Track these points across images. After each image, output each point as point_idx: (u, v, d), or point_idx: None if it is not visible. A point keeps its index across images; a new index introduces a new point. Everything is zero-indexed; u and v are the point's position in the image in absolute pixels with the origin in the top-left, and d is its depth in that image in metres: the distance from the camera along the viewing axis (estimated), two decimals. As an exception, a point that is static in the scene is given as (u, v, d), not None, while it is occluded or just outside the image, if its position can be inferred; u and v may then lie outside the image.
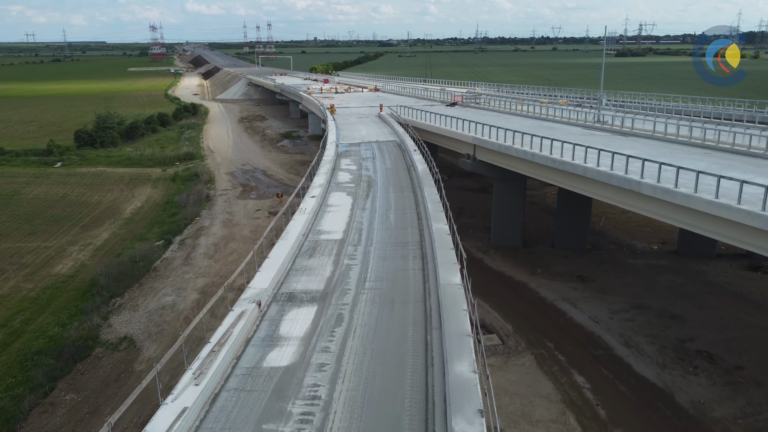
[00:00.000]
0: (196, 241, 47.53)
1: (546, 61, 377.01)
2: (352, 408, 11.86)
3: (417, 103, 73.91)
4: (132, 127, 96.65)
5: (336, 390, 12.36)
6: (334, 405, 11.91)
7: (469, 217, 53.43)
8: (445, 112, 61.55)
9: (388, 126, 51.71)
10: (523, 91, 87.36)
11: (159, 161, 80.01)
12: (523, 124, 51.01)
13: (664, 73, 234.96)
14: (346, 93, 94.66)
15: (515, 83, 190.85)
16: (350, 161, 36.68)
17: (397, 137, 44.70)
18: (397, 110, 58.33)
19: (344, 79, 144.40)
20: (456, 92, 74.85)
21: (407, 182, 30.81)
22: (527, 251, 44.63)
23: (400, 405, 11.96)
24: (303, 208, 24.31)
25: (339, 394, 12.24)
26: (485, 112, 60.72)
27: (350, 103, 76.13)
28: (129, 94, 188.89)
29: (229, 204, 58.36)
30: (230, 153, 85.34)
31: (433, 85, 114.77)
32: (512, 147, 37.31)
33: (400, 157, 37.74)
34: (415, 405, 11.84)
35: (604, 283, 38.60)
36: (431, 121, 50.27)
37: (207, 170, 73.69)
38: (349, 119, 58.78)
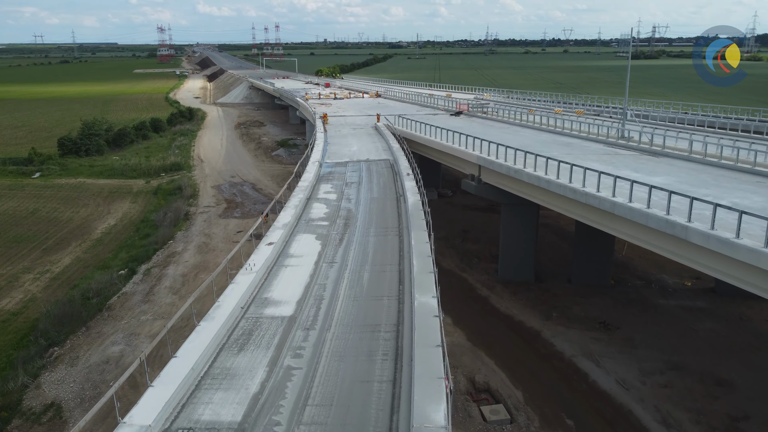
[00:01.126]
0: (164, 271, 41.97)
1: (557, 64, 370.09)
2: None
3: (419, 111, 68.11)
4: (120, 134, 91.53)
5: None
6: None
7: (474, 242, 47.62)
8: (448, 123, 55.78)
9: (383, 140, 45.98)
10: (535, 98, 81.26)
11: (143, 172, 74.70)
12: (535, 138, 45.07)
13: (679, 76, 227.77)
14: (346, 99, 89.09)
15: (525, 88, 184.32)
16: (331, 187, 30.96)
17: (391, 155, 38.98)
18: (396, 121, 52.59)
19: (347, 83, 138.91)
20: (462, 100, 69.00)
21: (393, 220, 25.07)
22: (540, 288, 38.70)
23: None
24: (251, 263, 18.61)
25: None
26: (493, 124, 54.82)
27: (347, 111, 70.43)
28: (129, 97, 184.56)
29: (209, 224, 52.81)
30: (221, 163, 79.92)
31: (439, 90, 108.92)
32: (523, 171, 31.45)
33: (391, 181, 32.01)
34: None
35: (631, 332, 32.61)
36: (432, 135, 44.51)
37: (192, 183, 68.28)
38: (341, 131, 53.11)
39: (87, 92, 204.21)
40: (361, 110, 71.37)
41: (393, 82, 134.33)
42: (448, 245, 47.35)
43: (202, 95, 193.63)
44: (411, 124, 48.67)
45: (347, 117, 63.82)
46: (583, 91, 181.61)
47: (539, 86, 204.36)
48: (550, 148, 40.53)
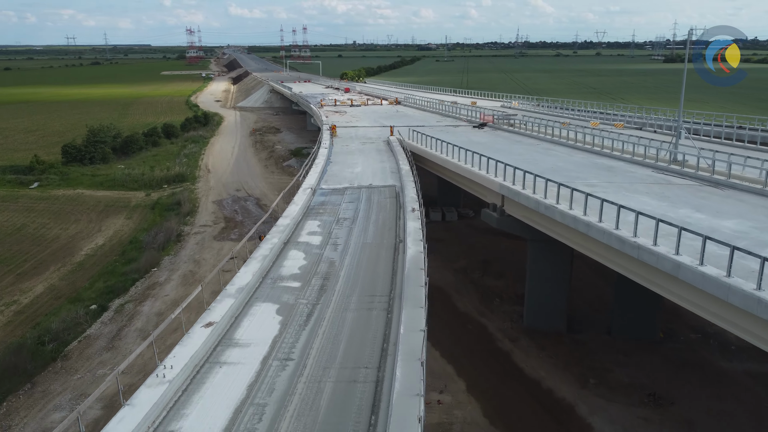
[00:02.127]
0: (139, 308, 36.85)
1: (589, 67, 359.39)
2: None
3: (439, 122, 62.13)
4: (127, 141, 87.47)
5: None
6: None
7: (497, 276, 41.47)
8: (470, 137, 49.73)
9: (393, 159, 40.17)
10: (567, 106, 74.40)
11: (145, 183, 70.22)
12: (569, 159, 38.72)
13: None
14: (362, 107, 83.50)
15: (556, 93, 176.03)
16: (318, 225, 25.31)
17: (399, 180, 33.16)
18: (411, 135, 46.69)
19: (368, 87, 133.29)
20: (487, 110, 62.73)
21: (385, 281, 19.31)
22: (574, 340, 32.44)
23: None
24: (168, 363, 12.99)
25: None
26: (520, 139, 48.51)
27: (360, 121, 64.75)
28: (150, 100, 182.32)
29: (201, 248, 47.68)
30: (228, 174, 75.07)
31: (464, 96, 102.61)
32: (555, 208, 25.33)
33: (392, 218, 26.23)
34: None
35: (689, 409, 26.19)
36: (448, 154, 38.52)
37: (193, 197, 63.44)
38: (349, 145, 47.46)
39: (111, 95, 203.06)
40: (376, 120, 65.63)
41: (416, 87, 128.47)
42: (467, 280, 41.37)
43: (223, 98, 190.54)
44: (426, 140, 42.72)
45: (359, 128, 58.13)
46: (618, 96, 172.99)
47: (571, 91, 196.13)
48: (588, 172, 34.23)
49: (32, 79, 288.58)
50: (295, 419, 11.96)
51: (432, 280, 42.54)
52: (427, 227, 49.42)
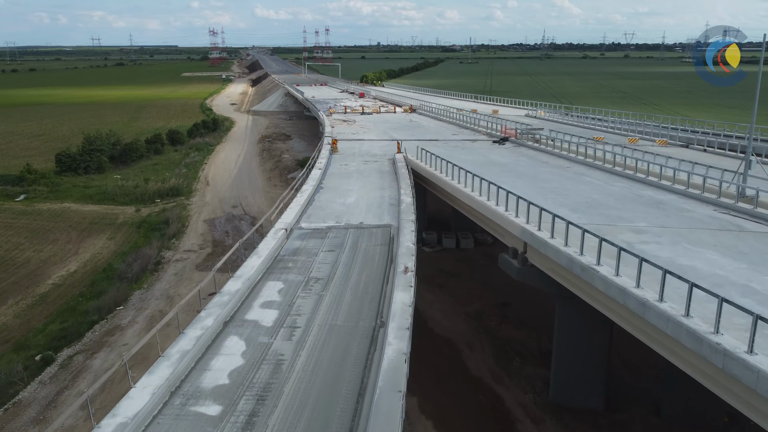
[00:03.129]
0: (89, 361, 31.18)
1: (618, 70, 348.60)
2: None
3: (455, 135, 55.68)
4: (127, 150, 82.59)
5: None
6: None
7: (518, 325, 34.93)
8: (489, 154, 43.24)
9: (395, 186, 33.87)
10: (598, 116, 67.10)
11: (137, 197, 64.99)
12: (607, 189, 31.98)
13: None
14: (374, 114, 77.34)
15: (584, 97, 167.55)
16: (280, 290, 19.15)
17: (397, 217, 26.87)
18: (419, 154, 40.24)
19: (385, 91, 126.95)
20: (509, 121, 55.98)
21: (345, 409, 12.92)
22: (613, 423, 25.79)
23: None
24: None
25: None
26: (547, 159, 41.77)
27: (368, 133, 58.53)
28: (165, 103, 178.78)
29: (179, 280, 41.97)
30: (227, 187, 69.55)
31: (485, 104, 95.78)
32: (596, 273, 18.86)
33: (377, 282, 19.96)
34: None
35: None
36: (461, 182, 32.10)
37: (183, 215, 57.94)
38: (348, 165, 41.28)
39: (127, 97, 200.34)
40: (386, 132, 59.35)
41: (435, 92, 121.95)
42: (482, 329, 34.89)
43: (239, 101, 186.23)
44: (436, 161, 36.29)
45: (365, 142, 51.90)
46: (649, 102, 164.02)
47: (599, 95, 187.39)
48: (633, 209, 27.53)
49: (53, 81, 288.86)
50: None
51: (441, 329, 36.15)
52: (438, 257, 42.49)
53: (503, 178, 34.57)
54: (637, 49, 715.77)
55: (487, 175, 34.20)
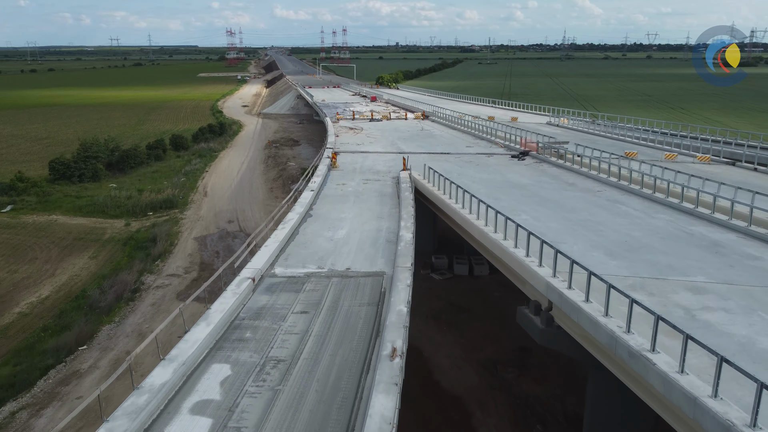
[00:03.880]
0: (33, 420, 26.65)
1: (640, 71, 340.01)
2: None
3: (470, 146, 50.57)
4: (124, 156, 78.63)
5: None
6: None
7: (539, 378, 29.84)
8: (506, 173, 38.10)
9: (396, 215, 28.84)
10: (628, 124, 61.35)
11: (129, 209, 60.80)
12: (649, 224, 26.66)
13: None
14: (384, 121, 72.39)
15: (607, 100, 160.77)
16: (223, 381, 14.14)
17: (392, 261, 21.92)
18: (427, 173, 35.15)
19: (399, 95, 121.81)
20: (528, 131, 50.60)
21: None
22: None
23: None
24: None
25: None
26: (574, 180, 36.42)
27: (374, 144, 53.59)
28: (177, 104, 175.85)
29: (156, 311, 37.47)
30: (225, 199, 65.13)
31: (503, 109, 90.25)
32: (650, 363, 13.72)
33: (355, 367, 14.88)
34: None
35: None
36: (473, 211, 27.04)
37: (173, 232, 53.57)
38: (346, 185, 36.32)
39: (139, 98, 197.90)
40: (393, 142, 54.33)
41: (451, 96, 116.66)
42: (495, 382, 29.81)
43: (252, 103, 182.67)
44: (446, 186, 31.21)
45: (369, 155, 46.91)
46: (677, 105, 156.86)
47: (622, 98, 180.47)
48: (685, 255, 22.26)
49: (70, 81, 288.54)
50: None
51: (448, 382, 30.85)
52: (448, 287, 37.14)
53: (523, 206, 29.46)
54: (659, 50, 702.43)
55: (504, 200, 29.21)
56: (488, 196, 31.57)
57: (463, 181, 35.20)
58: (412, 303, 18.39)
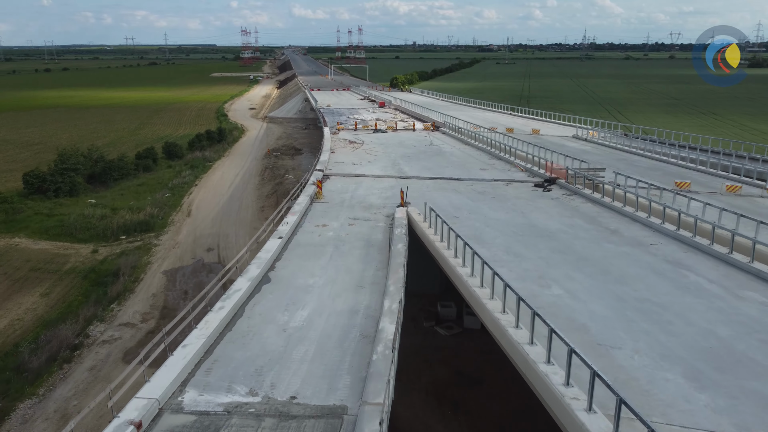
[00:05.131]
0: None
1: (664, 72, 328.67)
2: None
3: (485, 169, 42.92)
4: (107, 168, 72.12)
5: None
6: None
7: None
8: (530, 210, 30.47)
9: (382, 283, 21.27)
10: (669, 140, 53.12)
11: (99, 232, 54.19)
12: (735, 312, 18.92)
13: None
14: (389, 133, 64.92)
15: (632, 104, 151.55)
16: None
17: (361, 381, 14.53)
18: (427, 214, 27.58)
19: (410, 99, 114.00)
20: (555, 152, 42.74)
21: None
22: None
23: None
24: None
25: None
26: (618, 225, 28.56)
27: (372, 164, 46.01)
28: (182, 106, 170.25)
29: (94, 378, 30.55)
30: (210, 220, 58.21)
31: (523, 117, 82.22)
32: None
33: None
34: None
35: None
36: (484, 282, 19.55)
37: (142, 262, 46.73)
38: (327, 226, 28.82)
39: (146, 99, 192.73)
40: (396, 161, 46.76)
41: (467, 102, 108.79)
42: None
43: (260, 105, 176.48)
44: (451, 238, 23.65)
45: (364, 180, 39.32)
46: (707, 110, 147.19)
47: (648, 101, 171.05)
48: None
49: (81, 81, 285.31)
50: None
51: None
52: (456, 347, 29.96)
53: (554, 270, 21.90)
54: (681, 50, 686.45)
55: (527, 257, 21.79)
56: (507, 250, 24.04)
57: (475, 225, 27.65)
58: (407, 371, 11.17)
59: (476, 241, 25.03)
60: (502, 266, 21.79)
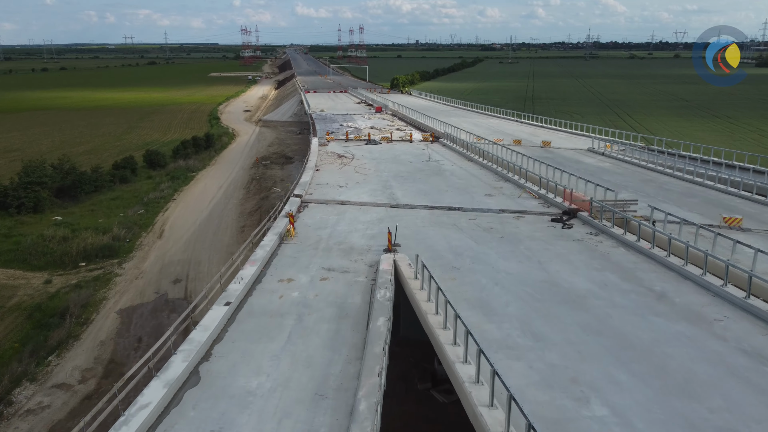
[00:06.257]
0: None
1: (671, 72, 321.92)
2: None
3: (491, 194, 36.77)
4: (79, 181, 66.15)
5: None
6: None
7: None
8: (548, 257, 24.36)
9: (352, 389, 15.14)
10: (695, 154, 46.89)
11: (57, 258, 48.45)
12: None
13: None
14: (384, 144, 58.75)
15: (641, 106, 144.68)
16: None
17: None
18: (419, 270, 21.48)
19: (410, 103, 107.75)
20: (572, 175, 36.57)
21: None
22: None
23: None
24: None
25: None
26: (664, 284, 22.25)
27: (360, 187, 39.64)
28: (174, 108, 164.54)
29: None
30: (182, 243, 52.26)
31: (530, 124, 75.97)
32: None
33: None
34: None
35: None
36: (486, 381, 13.50)
37: (96, 298, 40.82)
38: (292, 284, 22.57)
39: (138, 100, 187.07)
40: (387, 183, 40.52)
41: (470, 107, 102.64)
42: None
43: (255, 107, 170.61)
44: (446, 311, 17.63)
45: (349, 209, 33.10)
46: (722, 113, 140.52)
47: (659, 103, 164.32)
48: None
49: (76, 81, 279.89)
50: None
51: None
52: (456, 420, 23.88)
53: (589, 365, 15.78)
54: (686, 49, 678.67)
55: (552, 340, 16.37)
56: (523, 326, 18.06)
57: (480, 281, 21.59)
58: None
59: (482, 309, 19.00)
60: (519, 358, 15.78)
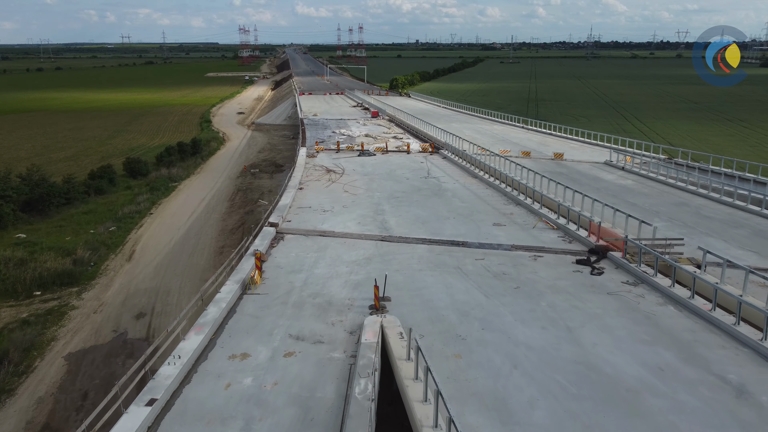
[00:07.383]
0: None
1: (675, 72, 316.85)
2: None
3: (502, 225, 31.35)
4: (49, 193, 60.80)
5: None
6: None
7: None
8: (580, 321, 19.07)
9: None
10: (727, 169, 41.53)
11: (10, 285, 43.22)
12: None
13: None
14: (378, 155, 53.38)
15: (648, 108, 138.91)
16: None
17: None
18: (411, 348, 16.29)
19: (408, 106, 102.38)
20: (597, 201, 31.14)
21: None
22: None
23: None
24: None
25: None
26: (731, 365, 17.01)
27: (347, 213, 33.99)
28: (165, 110, 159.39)
29: None
30: (152, 267, 46.98)
31: (540, 132, 70.56)
32: None
33: None
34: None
35: None
36: None
37: (44, 339, 35.57)
38: (247, 363, 16.72)
39: (129, 101, 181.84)
40: (380, 206, 35.11)
41: (472, 111, 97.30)
42: None
43: (250, 109, 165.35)
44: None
45: (331, 244, 27.61)
46: (734, 116, 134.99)
47: (666, 106, 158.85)
48: None
49: (69, 82, 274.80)
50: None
51: None
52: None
53: None
54: (687, 48, 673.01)
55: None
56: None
57: (493, 360, 16.24)
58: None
59: (497, 411, 13.78)
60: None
